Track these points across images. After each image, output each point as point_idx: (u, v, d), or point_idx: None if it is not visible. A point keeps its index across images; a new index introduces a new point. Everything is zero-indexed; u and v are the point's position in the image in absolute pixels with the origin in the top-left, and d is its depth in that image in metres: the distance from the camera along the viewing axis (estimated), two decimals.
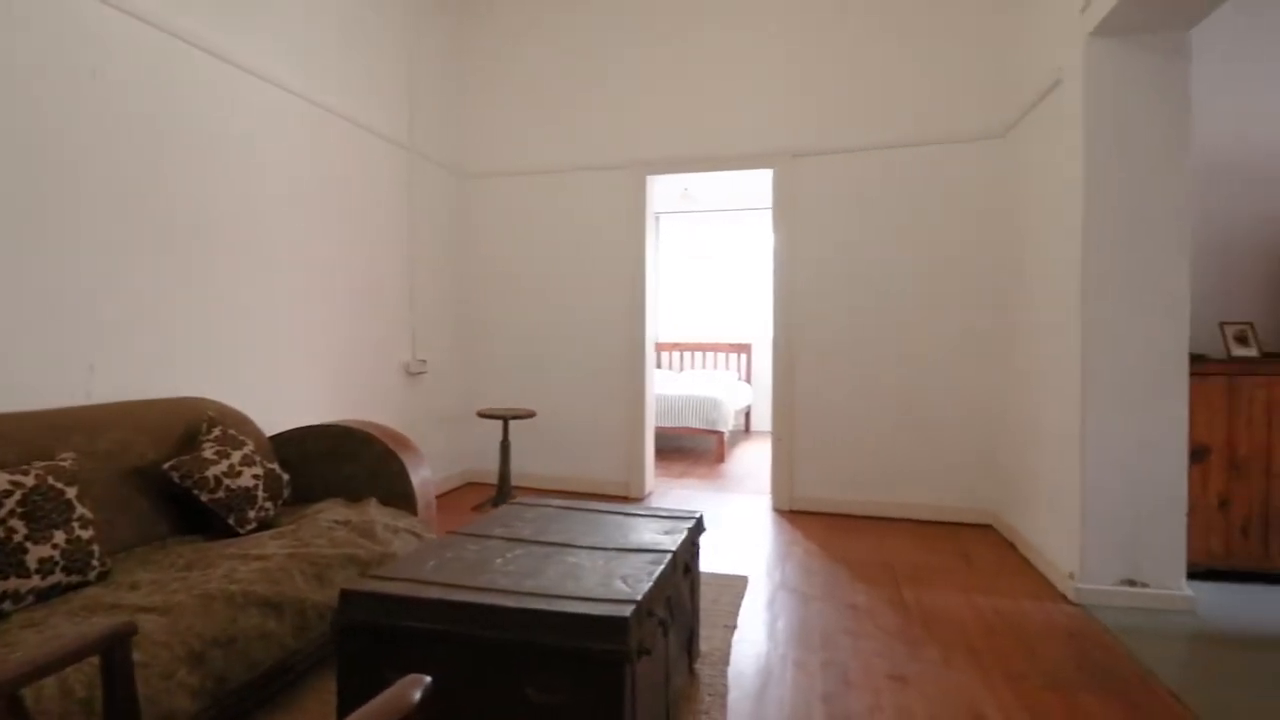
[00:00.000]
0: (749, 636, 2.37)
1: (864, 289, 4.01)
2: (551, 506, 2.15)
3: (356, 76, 3.61)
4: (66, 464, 1.87)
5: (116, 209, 2.39)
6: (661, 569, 1.60)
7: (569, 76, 4.48)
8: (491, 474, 4.54)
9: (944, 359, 3.89)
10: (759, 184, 6.51)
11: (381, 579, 1.52)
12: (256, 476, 2.32)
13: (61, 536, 1.74)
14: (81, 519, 1.81)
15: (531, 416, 4.02)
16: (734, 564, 3.14)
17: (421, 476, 2.65)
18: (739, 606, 2.61)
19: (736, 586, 2.79)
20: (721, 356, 7.66)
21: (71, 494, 1.82)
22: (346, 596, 1.47)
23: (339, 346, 3.48)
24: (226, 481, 2.22)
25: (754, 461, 5.66)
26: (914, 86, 3.93)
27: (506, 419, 3.93)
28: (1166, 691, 2.02)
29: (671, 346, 7.74)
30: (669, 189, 7.15)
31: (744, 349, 7.51)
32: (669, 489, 4.64)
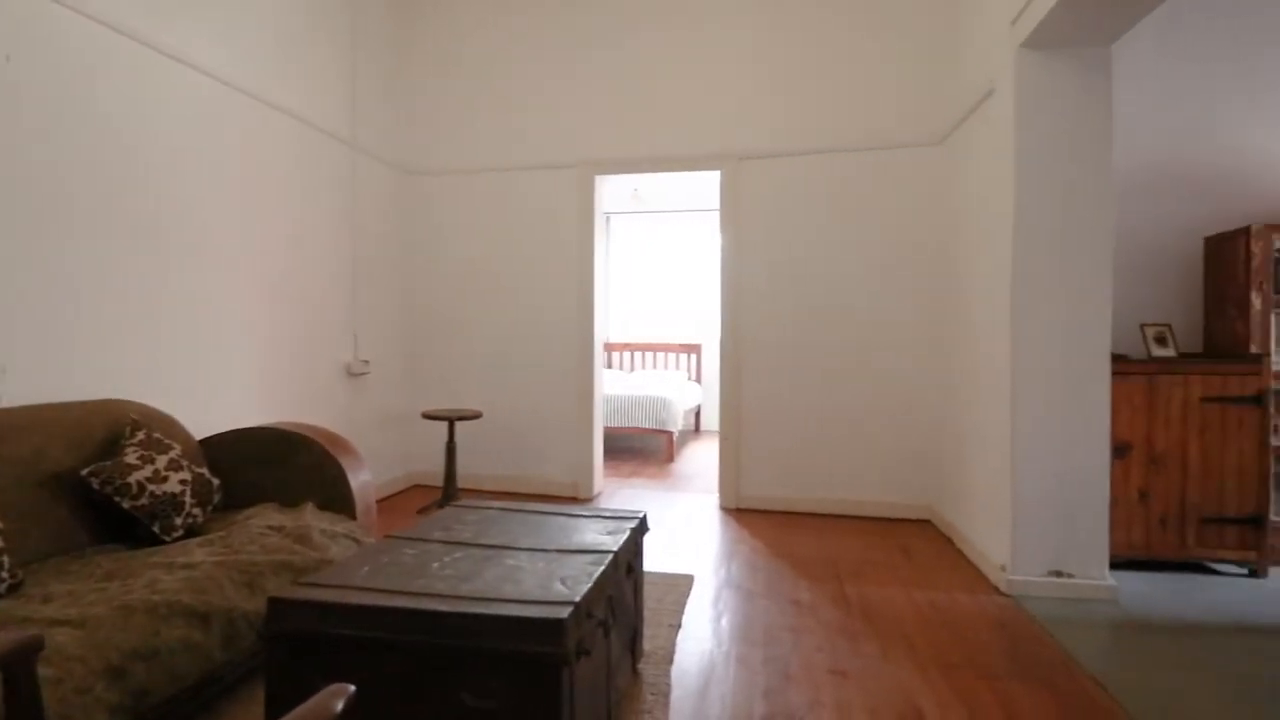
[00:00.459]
0: (694, 634, 2.39)
1: (808, 290, 4.08)
2: (493, 509, 2.13)
3: (295, 69, 3.50)
4: None
5: (28, 201, 2.27)
6: (602, 570, 1.60)
7: (518, 75, 4.44)
8: (438, 476, 4.47)
9: (885, 359, 3.98)
10: (708, 186, 6.57)
11: (312, 586, 1.48)
12: (184, 482, 2.23)
13: None
14: None
15: (477, 418, 3.97)
16: (681, 563, 3.15)
17: (361, 480, 2.58)
18: (684, 605, 2.62)
19: (682, 585, 2.81)
20: (672, 357, 7.70)
21: None
22: (275, 605, 1.42)
23: (276, 346, 3.37)
24: (151, 487, 2.13)
25: (703, 461, 5.70)
26: (857, 93, 4.02)
27: (452, 420, 3.87)
28: (1088, 678, 2.11)
29: (622, 347, 7.75)
30: (619, 189, 7.15)
31: (694, 349, 7.56)
32: (618, 489, 4.63)
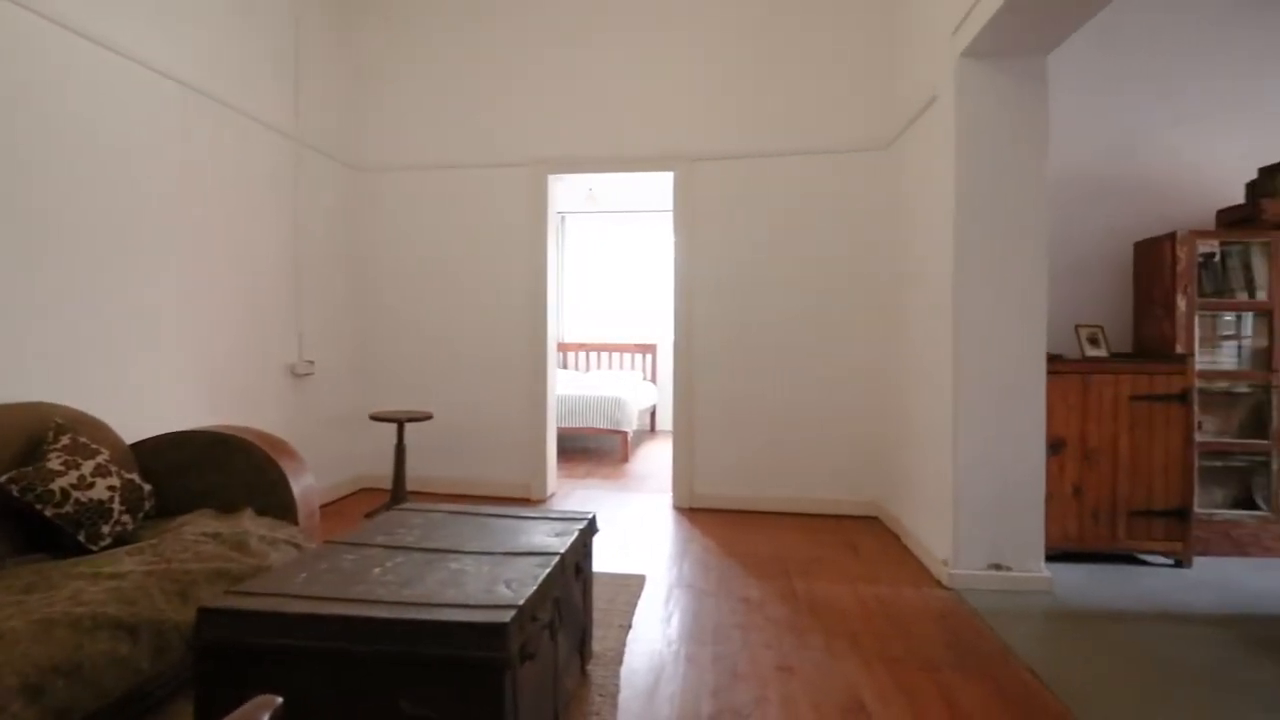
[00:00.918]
0: (643, 634, 2.39)
1: (760, 292, 4.13)
2: (440, 511, 2.09)
3: (232, 58, 3.39)
4: None
5: None
6: (548, 572, 1.59)
7: (470, 71, 4.38)
8: (387, 479, 4.38)
9: (835, 360, 4.05)
10: (663, 186, 6.59)
11: (244, 594, 1.43)
12: (112, 488, 2.14)
13: None
14: None
15: (428, 419, 3.90)
16: (633, 563, 3.16)
17: (303, 484, 2.51)
18: (635, 605, 2.62)
19: (633, 585, 2.81)
20: (628, 357, 7.70)
21: None
22: (204, 615, 1.37)
23: (214, 347, 3.26)
24: (76, 494, 2.03)
25: (658, 461, 5.72)
26: (807, 98, 4.08)
27: (401, 422, 3.80)
28: (1024, 667, 2.19)
29: (578, 347, 7.72)
30: (574, 189, 7.12)
31: (650, 349, 7.58)
32: (572, 490, 4.61)
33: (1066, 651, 2.32)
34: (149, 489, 2.30)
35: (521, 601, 1.38)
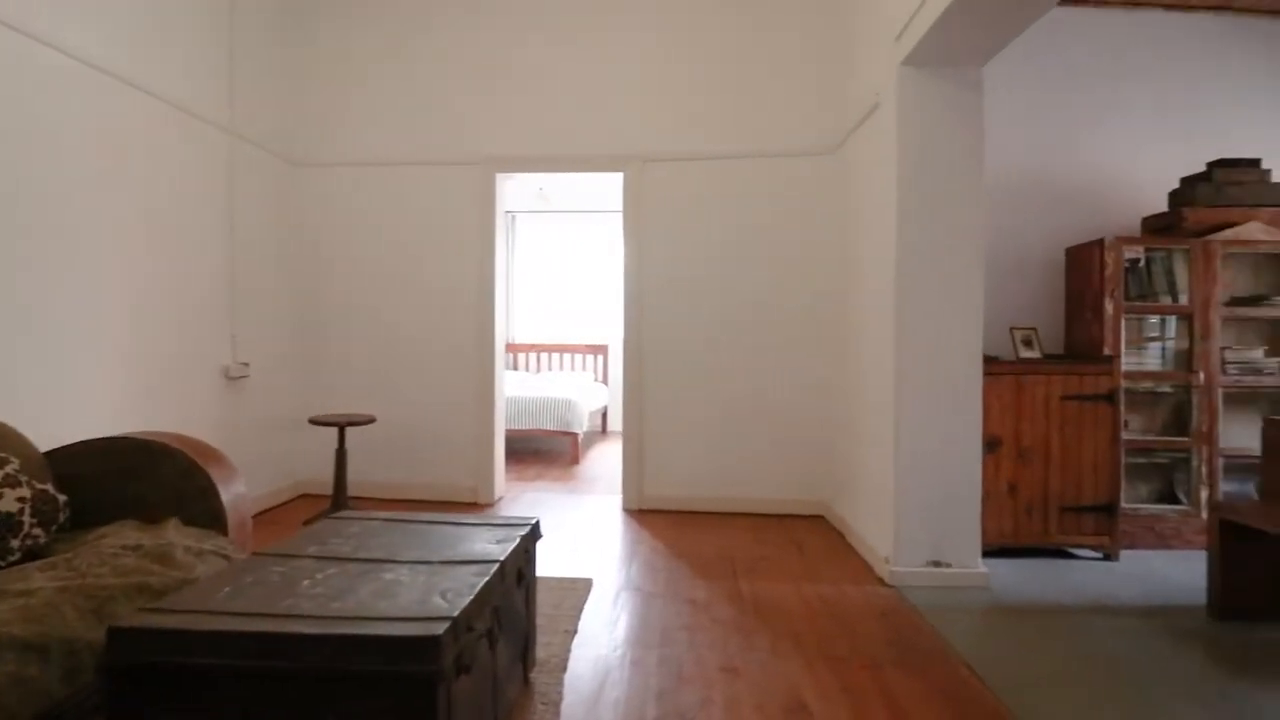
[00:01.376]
0: (589, 639, 2.37)
1: (710, 293, 4.14)
2: (377, 519, 2.03)
3: (159, 44, 3.24)
4: None
5: None
6: (486, 580, 1.55)
7: (416, 66, 4.29)
8: (330, 484, 4.25)
9: (783, 361, 4.10)
10: (615, 186, 6.57)
11: (160, 612, 1.36)
12: (21, 499, 2.01)
13: None
14: None
15: (370, 422, 3.80)
16: (580, 567, 3.13)
17: (234, 492, 2.41)
18: (581, 609, 2.60)
19: (580, 589, 2.78)
20: (579, 358, 7.66)
21: None
22: (115, 634, 1.29)
23: (140, 349, 3.10)
24: None
25: (609, 462, 5.70)
26: (757, 101, 4.12)
27: (342, 426, 3.69)
28: (962, 663, 2.24)
29: (528, 348, 7.64)
30: (524, 188, 7.05)
31: (601, 350, 7.55)
32: (521, 493, 4.56)
33: (1002, 646, 2.38)
34: (64, 500, 2.17)
35: (456, 612, 1.34)
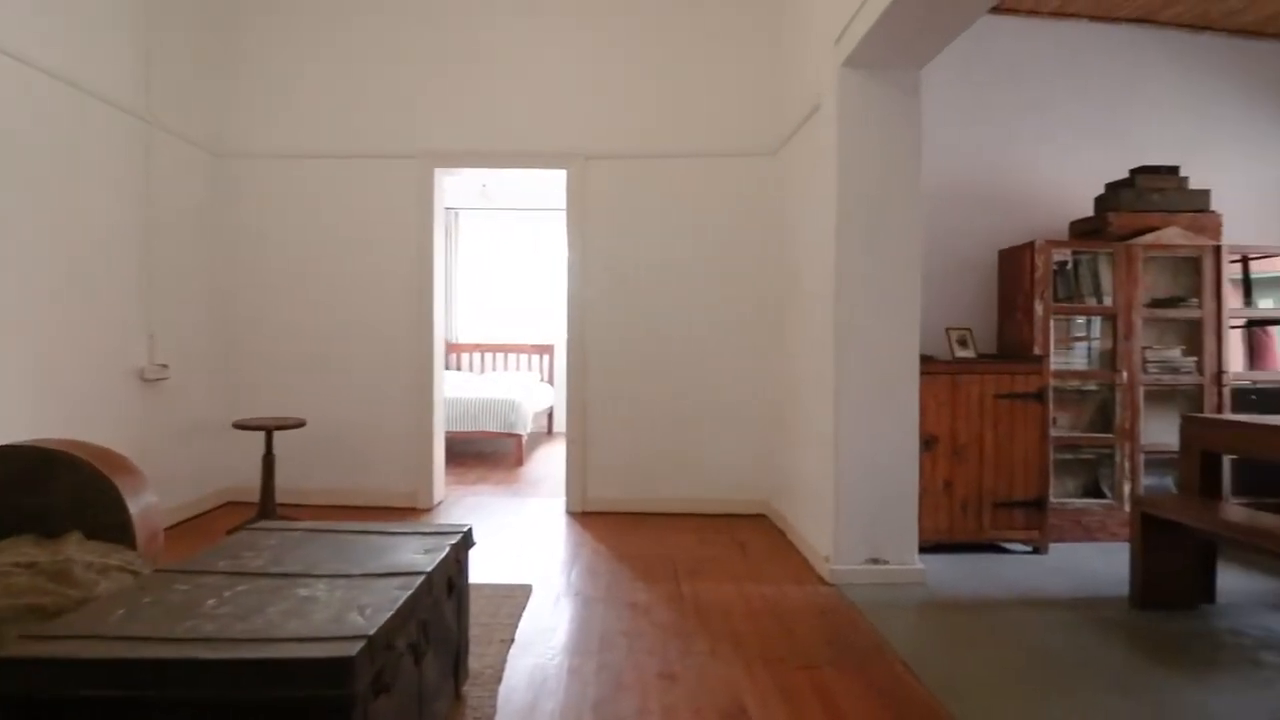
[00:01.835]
0: (527, 648, 2.30)
1: (653, 292, 4.11)
2: (298, 530, 1.93)
3: (58, 18, 3.02)
4: None
5: None
6: (410, 594, 1.48)
7: (352, 55, 4.13)
8: (257, 492, 4.05)
9: (726, 361, 4.10)
10: (559, 184, 6.48)
11: (45, 639, 1.24)
12: None
13: None
14: None
15: (300, 426, 3.63)
16: (520, 572, 3.05)
17: (144, 503, 2.26)
18: (519, 617, 2.53)
19: (518, 596, 2.71)
20: (524, 358, 7.55)
21: None
22: None
23: (42, 350, 2.89)
24: None
25: (554, 464, 5.62)
26: (701, 101, 4.10)
27: (270, 429, 3.52)
28: (899, 660, 2.26)
29: (472, 348, 7.48)
30: (467, 183, 6.90)
31: (547, 350, 7.45)
32: (462, 497, 4.45)
33: (937, 643, 2.42)
34: None
35: (373, 630, 1.26)
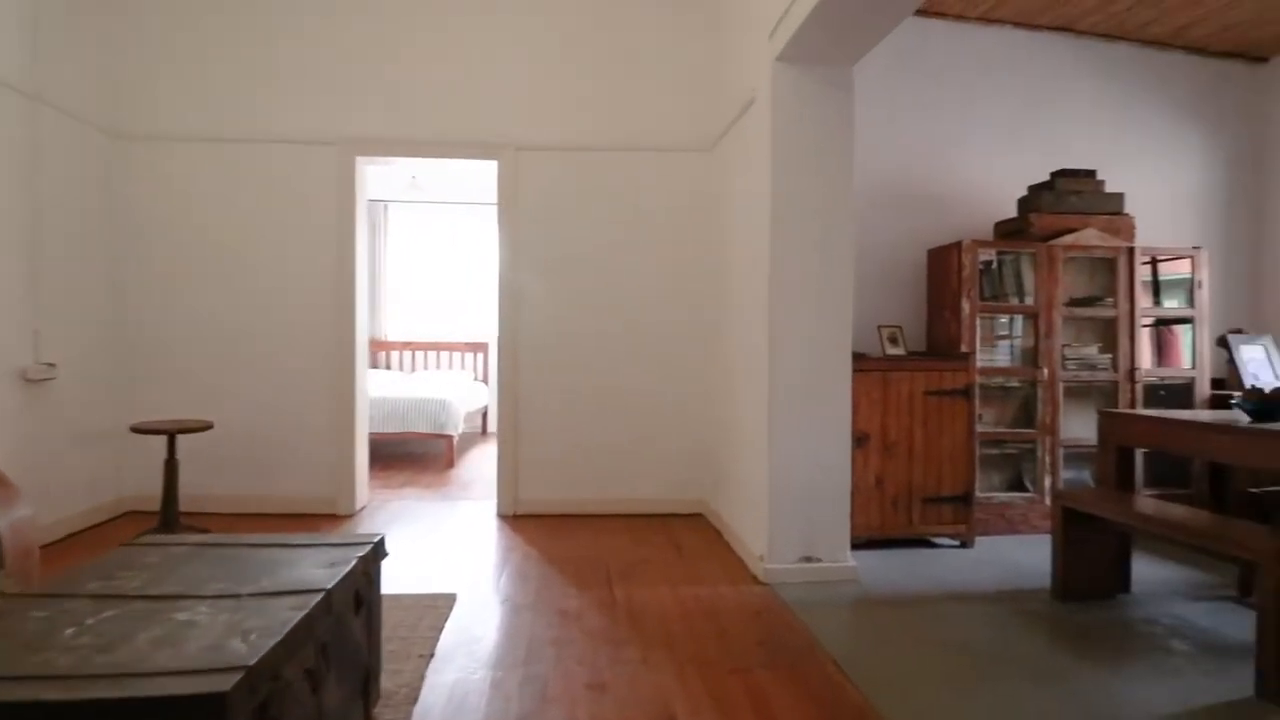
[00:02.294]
0: (447, 662, 2.18)
1: (587, 289, 4.02)
2: (185, 544, 1.76)
3: None
4: None
5: None
6: (306, 614, 1.34)
7: (266, 32, 3.89)
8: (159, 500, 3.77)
9: (662, 358, 4.04)
10: (492, 176, 6.31)
11: None
12: None
13: None
14: None
15: (206, 429, 3.39)
16: (445, 580, 2.91)
17: (14, 516, 2.03)
18: (441, 629, 2.40)
19: (442, 606, 2.58)
20: (458, 356, 7.33)
21: None
22: None
23: None
24: None
25: (487, 465, 5.44)
26: (636, 94, 4.03)
27: (172, 433, 3.27)
28: (829, 660, 2.23)
29: (402, 346, 7.22)
30: (395, 174, 6.65)
31: (481, 348, 7.25)
32: (387, 501, 4.25)
33: (868, 641, 2.41)
34: None
35: (255, 659, 1.13)
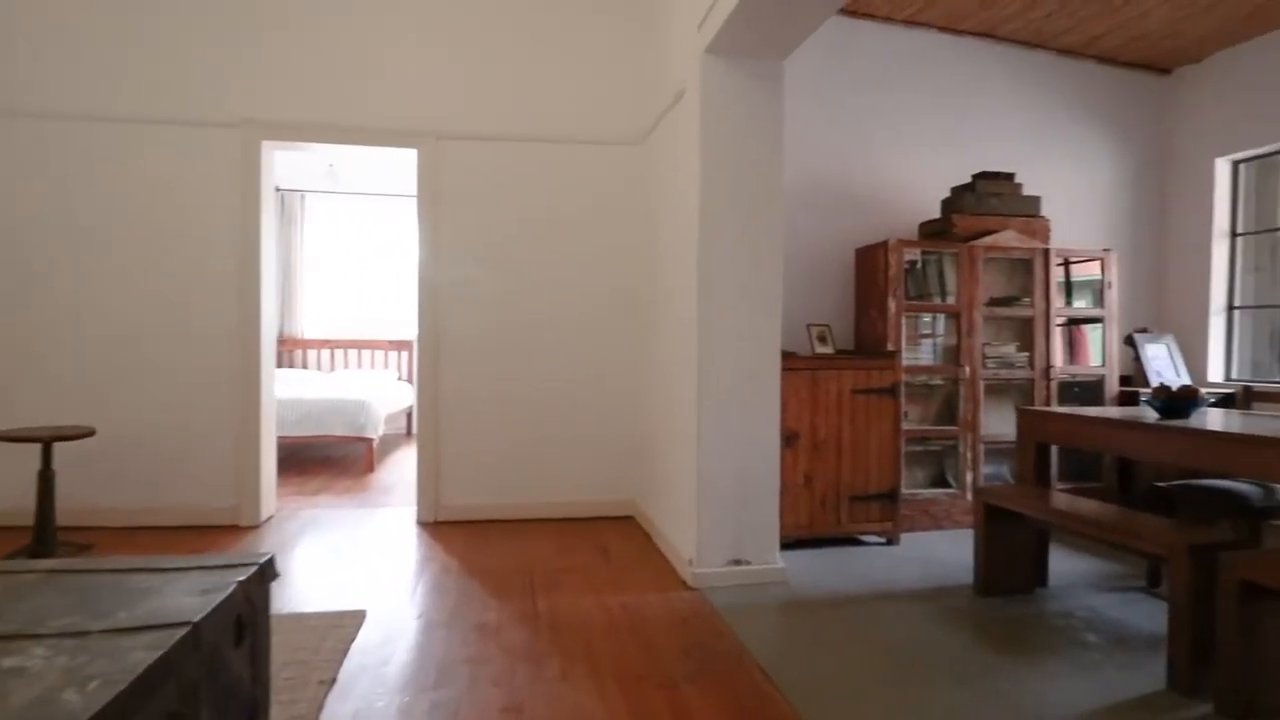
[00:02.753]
0: (350, 689, 2.01)
1: (513, 285, 3.87)
2: (35, 571, 1.53)
3: None
4: None
5: None
6: (163, 653, 1.17)
7: (162, 2, 3.56)
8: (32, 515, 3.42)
9: (591, 356, 3.93)
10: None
11: None
12: None
13: None
14: None
15: (88, 435, 3.08)
16: (354, 596, 2.72)
17: None
18: (346, 651, 2.22)
19: (348, 625, 2.40)
20: (381, 354, 7.02)
21: None
22: None
23: None
24: None
25: (410, 469, 5.20)
26: (566, 83, 3.90)
27: (47, 441, 2.96)
28: (757, 668, 2.17)
29: (320, 344, 6.87)
30: (311, 163, 6.31)
31: (406, 346, 6.97)
32: (297, 510, 3.99)
33: (795, 646, 2.36)
34: None
35: (89, 715, 0.96)
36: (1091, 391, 4.03)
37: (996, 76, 4.23)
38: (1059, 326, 3.97)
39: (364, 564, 3.10)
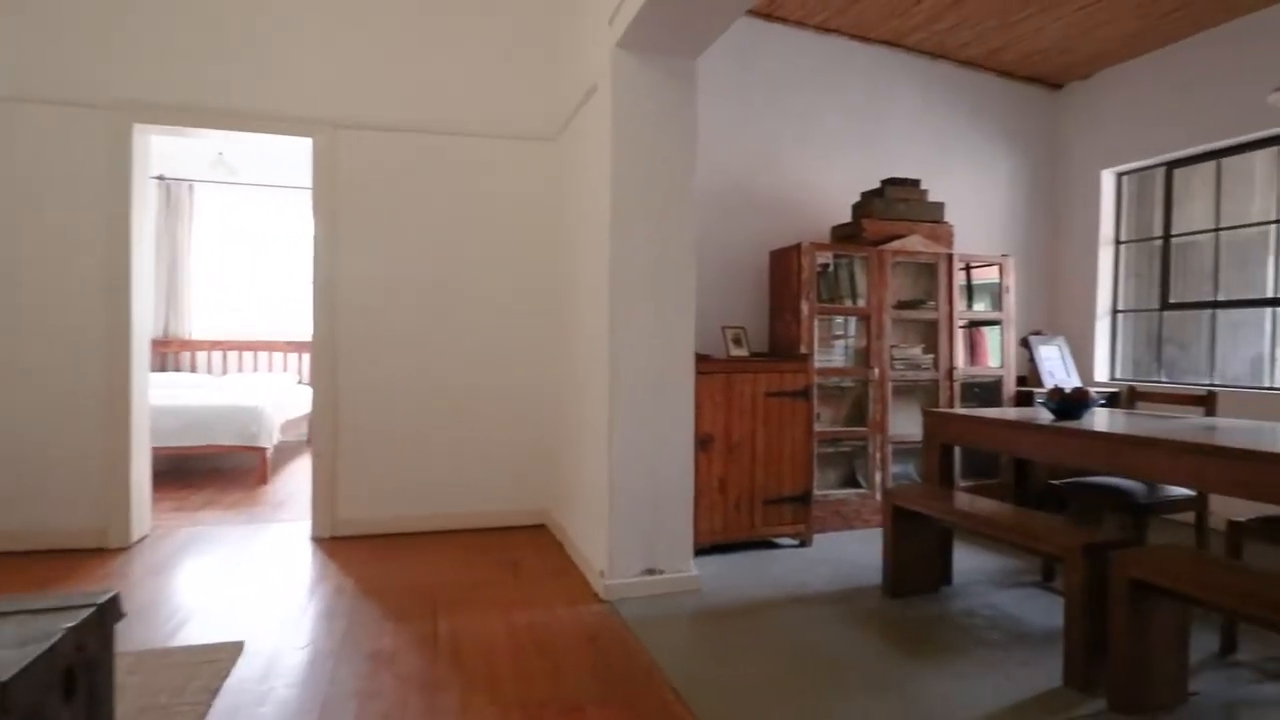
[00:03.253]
0: None
1: (418, 285, 3.66)
2: None
3: None
4: None
5: None
6: None
7: None
8: None
9: (500, 358, 3.77)
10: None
11: None
12: None
13: None
14: None
15: None
16: (231, 625, 2.48)
17: None
18: (216, 690, 2.01)
19: (222, 659, 2.17)
20: (280, 357, 6.60)
21: None
22: None
23: None
24: None
25: (308, 481, 4.89)
26: (476, 75, 3.72)
27: None
28: (669, 687, 2.09)
29: (210, 345, 6.37)
30: (198, 149, 5.85)
31: (307, 348, 6.56)
32: (176, 528, 3.65)
33: (707, 659, 2.30)
34: None
35: None
36: (991, 392, 4.18)
37: (904, 85, 4.33)
38: (961, 329, 4.10)
39: (246, 588, 2.85)
